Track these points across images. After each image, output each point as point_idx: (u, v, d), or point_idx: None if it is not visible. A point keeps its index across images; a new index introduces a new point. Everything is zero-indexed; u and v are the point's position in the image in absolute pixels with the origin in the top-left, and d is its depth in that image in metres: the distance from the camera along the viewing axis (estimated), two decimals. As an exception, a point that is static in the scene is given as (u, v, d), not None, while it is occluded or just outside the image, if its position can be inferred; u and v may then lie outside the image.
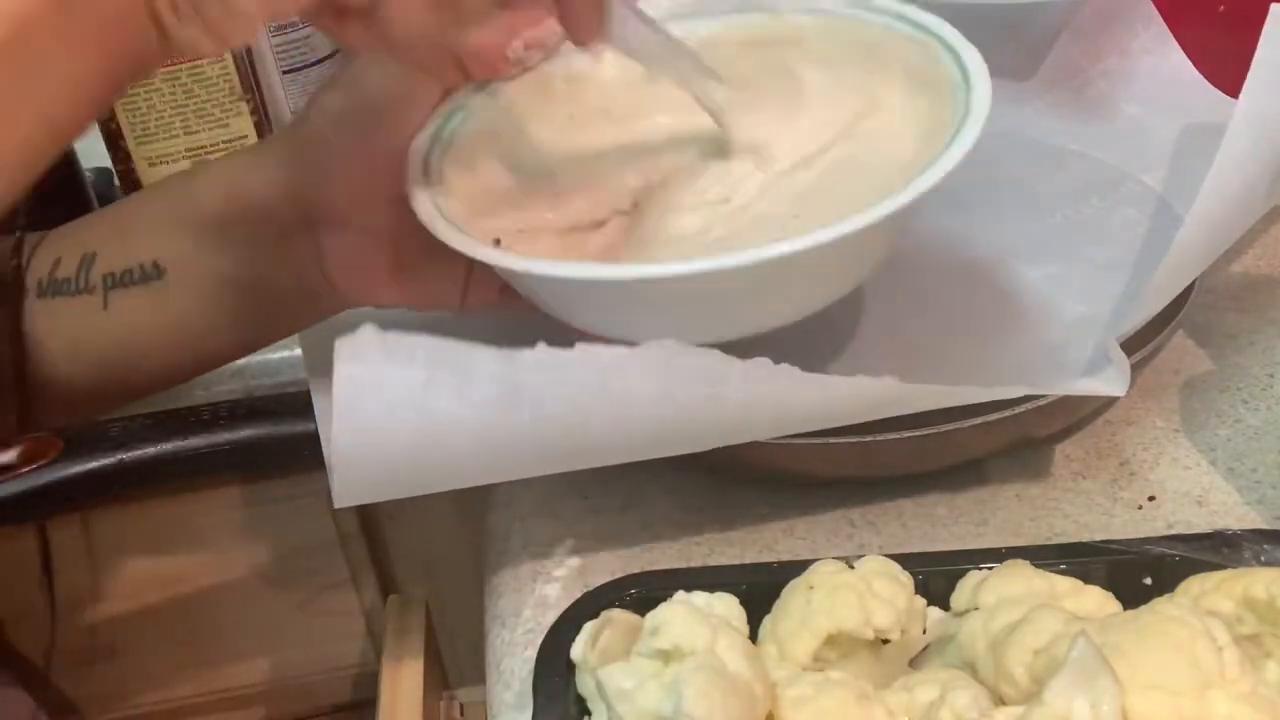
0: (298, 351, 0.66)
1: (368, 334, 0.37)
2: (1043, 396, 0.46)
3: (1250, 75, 0.43)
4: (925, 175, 0.40)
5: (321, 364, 0.51)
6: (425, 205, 0.43)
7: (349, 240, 0.45)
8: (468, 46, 0.44)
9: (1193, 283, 0.51)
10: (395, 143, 0.44)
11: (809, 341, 0.54)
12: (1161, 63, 0.62)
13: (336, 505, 0.42)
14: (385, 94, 0.44)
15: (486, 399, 0.38)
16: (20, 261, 0.48)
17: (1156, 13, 0.62)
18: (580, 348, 0.38)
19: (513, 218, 0.46)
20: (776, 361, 0.39)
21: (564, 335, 0.39)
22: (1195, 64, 0.62)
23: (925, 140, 0.44)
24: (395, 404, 0.37)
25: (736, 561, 0.48)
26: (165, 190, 0.49)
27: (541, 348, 0.38)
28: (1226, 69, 0.61)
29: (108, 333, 0.48)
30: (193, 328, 0.48)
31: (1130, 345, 0.47)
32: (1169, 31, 0.62)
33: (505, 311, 0.49)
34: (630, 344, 0.38)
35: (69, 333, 0.48)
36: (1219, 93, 0.60)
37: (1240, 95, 0.43)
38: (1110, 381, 0.45)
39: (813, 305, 0.45)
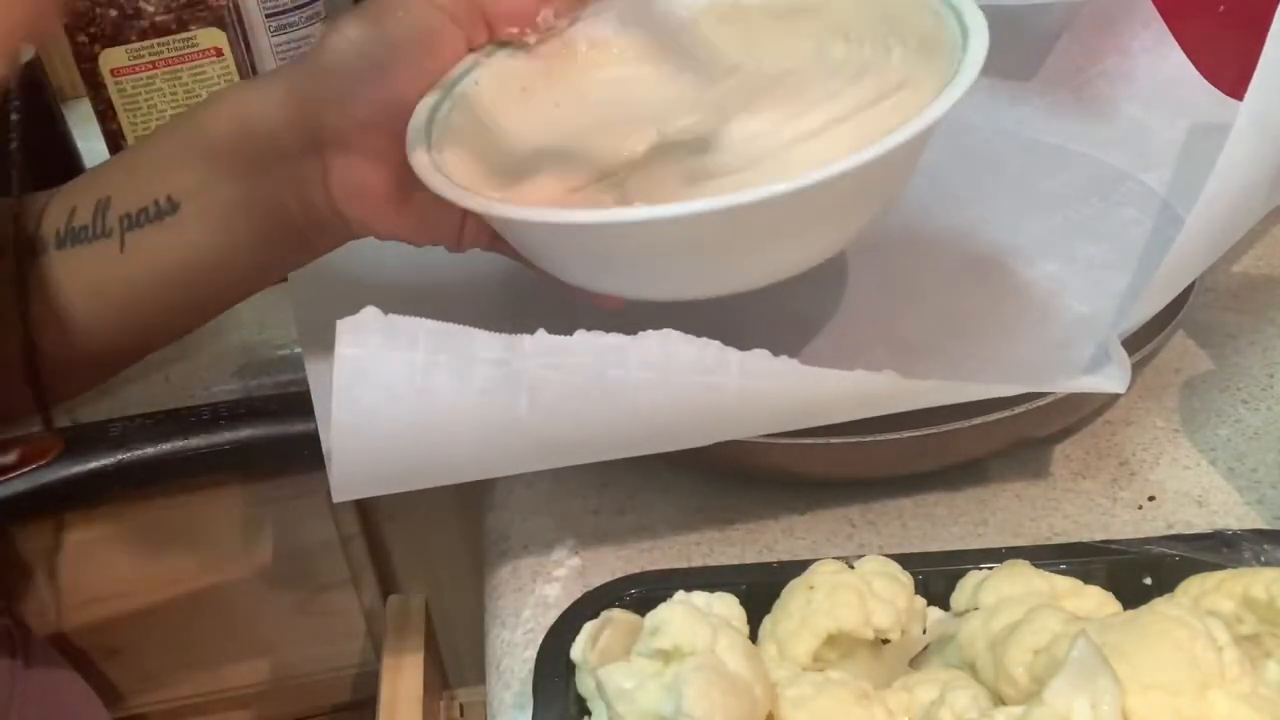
0: (297, 351, 0.65)
1: (369, 316, 0.37)
2: (1042, 396, 0.46)
3: (1256, 75, 0.43)
4: (888, 138, 0.39)
5: (318, 351, 0.51)
6: (422, 158, 0.43)
7: (352, 163, 0.45)
8: (499, 7, 0.47)
9: (1193, 283, 0.51)
10: (409, 87, 0.45)
11: (805, 338, 0.54)
12: (1161, 62, 0.62)
13: (335, 499, 0.42)
14: (408, 37, 0.45)
15: (486, 382, 0.38)
16: (25, 225, 0.49)
17: (1156, 13, 0.62)
18: (580, 335, 0.38)
19: (512, 174, 0.47)
20: (773, 356, 0.39)
21: (564, 322, 0.39)
22: (1195, 63, 0.62)
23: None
24: (395, 386, 0.38)
25: (736, 561, 0.48)
26: (174, 127, 0.50)
27: (541, 334, 0.38)
28: (1226, 68, 0.61)
29: (126, 275, 0.48)
30: (207, 260, 0.48)
31: (1130, 345, 0.47)
32: (1169, 31, 0.62)
33: (497, 252, 0.50)
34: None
35: (88, 281, 0.49)
36: (1219, 92, 0.60)
37: (1245, 95, 0.43)
38: (1111, 379, 0.45)
39: (790, 262, 0.44)
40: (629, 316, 0.42)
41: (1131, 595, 0.39)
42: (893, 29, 0.48)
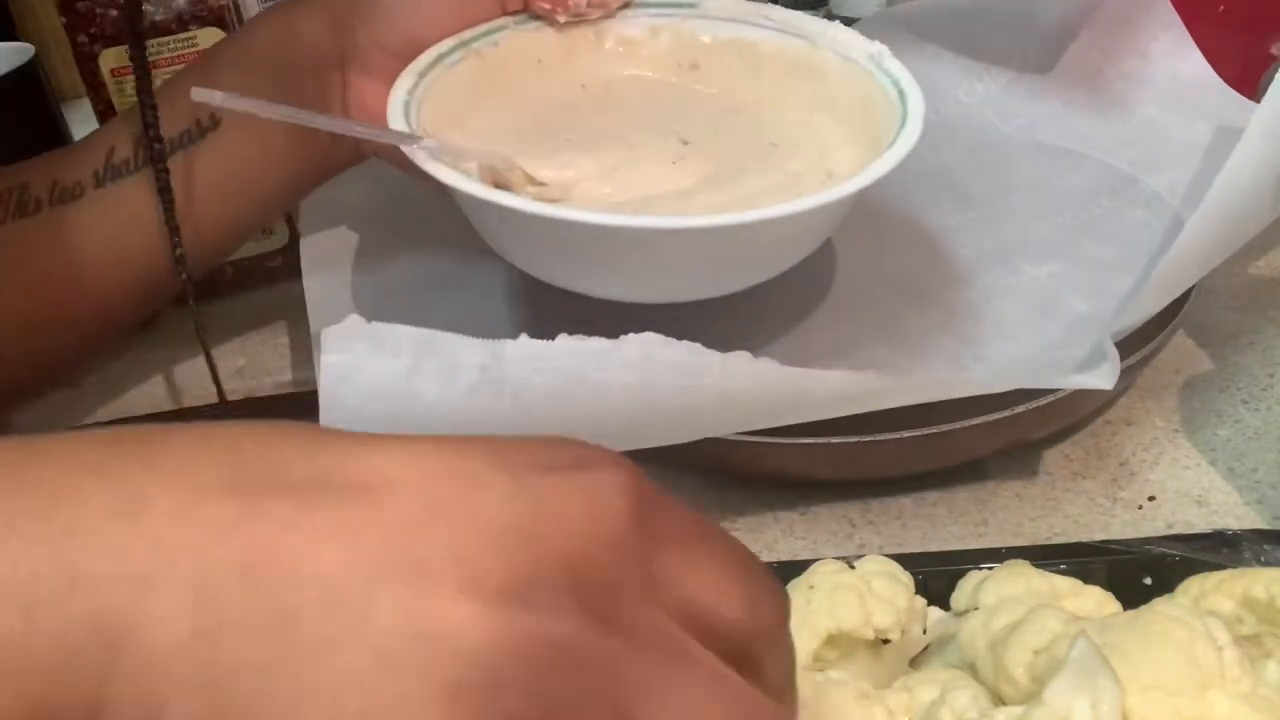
0: (296, 354, 0.66)
1: (353, 324, 0.37)
2: (1041, 396, 0.46)
3: (1276, 81, 0.43)
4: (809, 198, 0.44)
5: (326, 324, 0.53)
6: (399, 91, 0.47)
7: (368, 84, 0.49)
8: None
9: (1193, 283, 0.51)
10: (435, 30, 0.49)
11: (802, 328, 0.54)
12: (1181, 65, 0.62)
13: None
14: None
15: (470, 388, 0.39)
16: (60, 176, 0.51)
17: (1175, 15, 0.62)
18: (562, 339, 0.39)
19: (480, 142, 0.49)
20: (771, 346, 0.40)
21: (547, 328, 0.40)
22: (1195, 63, 0.62)
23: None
24: (381, 390, 0.38)
25: (736, 561, 0.47)
26: (219, 47, 0.54)
27: (524, 339, 0.39)
28: (1226, 68, 0.61)
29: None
30: (246, 172, 0.52)
31: (1130, 345, 0.47)
32: (1188, 34, 0.62)
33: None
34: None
35: (127, 213, 0.51)
36: (1238, 96, 0.60)
37: (1261, 100, 0.43)
38: (1099, 376, 0.45)
39: (709, 287, 0.48)
40: (614, 318, 0.42)
41: (1131, 595, 0.39)
42: (866, 117, 0.51)
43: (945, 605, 0.41)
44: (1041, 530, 0.48)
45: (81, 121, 0.72)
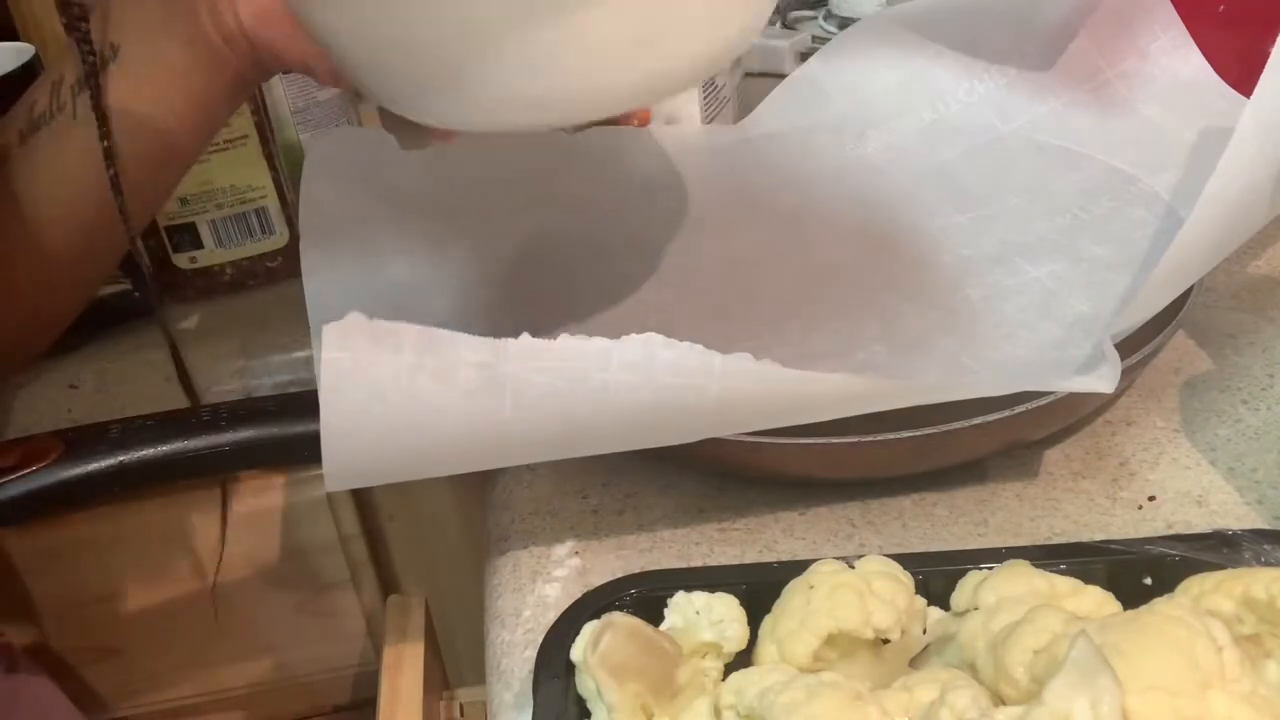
0: (296, 354, 0.66)
1: (354, 320, 0.37)
2: (1042, 396, 0.46)
3: (1263, 78, 0.43)
4: None
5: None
6: None
7: None
8: None
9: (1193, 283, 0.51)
10: None
11: (803, 331, 0.54)
12: (1181, 65, 0.62)
13: (328, 489, 0.42)
14: None
15: (471, 385, 0.39)
16: None
17: (1175, 15, 0.62)
18: (563, 339, 0.39)
19: None
20: (767, 346, 0.40)
21: (548, 328, 0.40)
22: (1195, 63, 0.62)
23: None
24: (381, 388, 0.38)
25: (736, 561, 0.48)
26: None
27: (525, 337, 0.39)
28: (1227, 68, 0.61)
29: (82, 144, 0.49)
30: (149, 95, 0.50)
31: (1130, 345, 0.47)
32: (1188, 34, 0.62)
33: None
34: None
35: (51, 170, 0.50)
36: (1238, 95, 0.60)
37: (1251, 97, 0.43)
38: (1099, 379, 0.45)
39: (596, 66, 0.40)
40: (611, 321, 0.42)
41: (1131, 595, 0.39)
42: None
43: (945, 605, 0.41)
44: (1041, 530, 0.48)
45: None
